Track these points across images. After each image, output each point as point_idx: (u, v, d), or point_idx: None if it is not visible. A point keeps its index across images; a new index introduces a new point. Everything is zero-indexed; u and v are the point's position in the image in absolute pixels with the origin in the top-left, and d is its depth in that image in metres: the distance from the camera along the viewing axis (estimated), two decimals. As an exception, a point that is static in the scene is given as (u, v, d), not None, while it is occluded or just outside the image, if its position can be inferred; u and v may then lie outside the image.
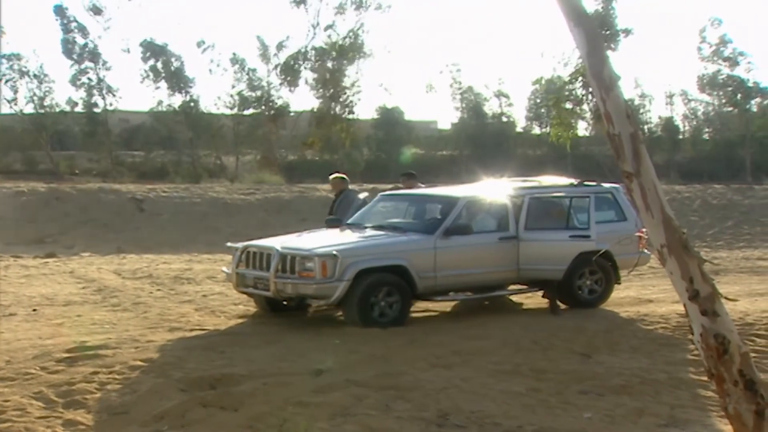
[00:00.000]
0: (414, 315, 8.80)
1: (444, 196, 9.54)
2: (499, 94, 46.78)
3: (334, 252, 8.03)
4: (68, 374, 6.26)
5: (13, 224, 20.58)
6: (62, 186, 25.10)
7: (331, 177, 11.39)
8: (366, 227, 9.26)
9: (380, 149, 48.83)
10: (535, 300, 10.06)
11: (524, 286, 9.54)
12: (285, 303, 8.77)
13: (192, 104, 44.07)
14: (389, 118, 48.14)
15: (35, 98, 44.81)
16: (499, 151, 44.78)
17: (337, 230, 9.49)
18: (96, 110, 44.75)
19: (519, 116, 50.83)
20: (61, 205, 22.46)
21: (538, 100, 43.78)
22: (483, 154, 44.26)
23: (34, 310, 9.43)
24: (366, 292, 8.10)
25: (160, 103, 45.61)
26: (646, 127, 39.83)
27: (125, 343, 7.31)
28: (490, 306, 9.78)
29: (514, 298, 10.13)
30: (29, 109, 45.43)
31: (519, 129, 48.84)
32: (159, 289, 11.44)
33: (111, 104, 45.31)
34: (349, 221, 9.82)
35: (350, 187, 11.13)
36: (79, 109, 45.10)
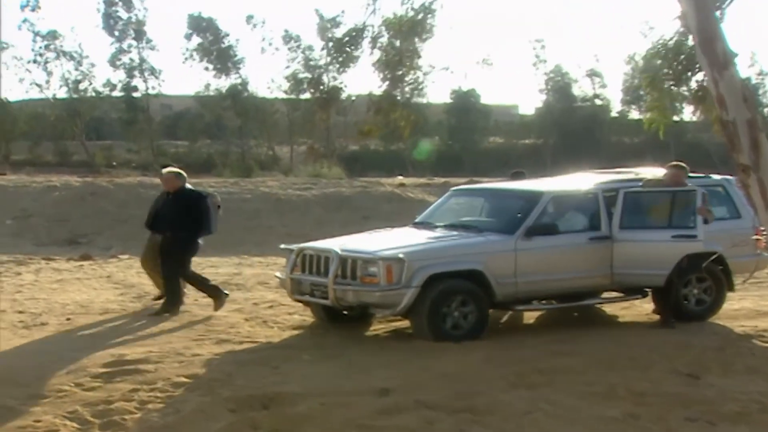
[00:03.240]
0: (491, 327, 8.75)
1: (526, 191, 9.45)
2: (592, 74, 46.02)
3: (401, 255, 8.03)
4: (105, 391, 6.41)
5: (44, 222, 21.20)
6: (98, 180, 25.72)
7: (164, 171, 10.60)
8: (436, 227, 9.25)
9: (453, 138, 48.67)
10: (632, 311, 9.88)
11: (619, 294, 9.39)
12: (345, 313, 8.82)
13: (241, 87, 44.49)
14: (463, 103, 47.92)
15: (70, 81, 46.20)
16: (590, 138, 44.22)
17: (404, 230, 9.49)
18: (136, 94, 45.65)
19: (614, 99, 49.87)
20: (97, 201, 23.02)
21: (636, 80, 43.05)
22: (571, 142, 43.76)
23: (68, 319, 9.69)
24: (437, 301, 8.08)
25: (206, 86, 46.36)
26: (766, 110, 38.72)
27: (168, 357, 7.45)
28: (579, 317, 9.65)
29: (607, 308, 9.97)
30: (62, 93, 46.71)
31: (614, 113, 48.00)
32: (205, 296, 11.61)
33: (153, 88, 46.22)
34: (417, 220, 9.82)
35: (187, 185, 10.43)
36: (117, 93, 46.03)
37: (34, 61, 45.98)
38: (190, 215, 9.86)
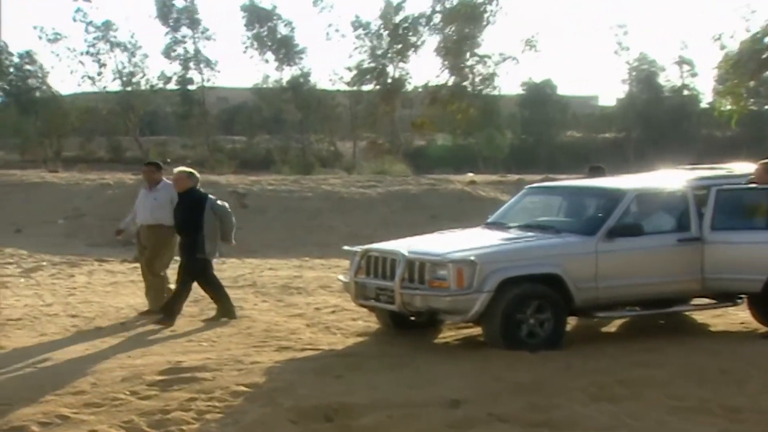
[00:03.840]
0: (569, 335, 8.68)
1: (607, 189, 9.35)
2: (681, 62, 45.15)
3: (472, 257, 8.02)
4: (162, 400, 6.54)
5: (97, 222, 21.67)
6: (153, 178, 26.12)
7: (176, 170, 10.56)
8: (510, 227, 9.21)
9: (527, 131, 48.32)
10: (724, 319, 9.70)
11: (711, 301, 9.23)
12: (413, 319, 8.84)
13: (302, 79, 44.71)
14: (538, 94, 47.51)
15: (123, 74, 47.17)
16: (677, 131, 43.49)
17: (475, 231, 9.47)
18: (191, 87, 46.29)
19: (705, 88, 48.83)
20: (152, 200, 23.43)
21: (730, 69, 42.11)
22: (656, 135, 43.11)
23: (122, 323, 9.91)
24: (511, 307, 8.05)
25: (265, 78, 46.81)
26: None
27: (226, 365, 7.57)
28: (665, 325, 9.52)
29: (697, 316, 9.81)
30: (115, 86, 47.65)
31: (704, 104, 47.06)
32: (264, 300, 11.78)
33: (208, 80, 46.85)
34: (490, 220, 9.79)
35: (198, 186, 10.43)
36: (172, 86, 46.73)
37: (87, 53, 47.07)
38: (193, 218, 10.05)
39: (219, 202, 10.51)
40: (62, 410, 6.29)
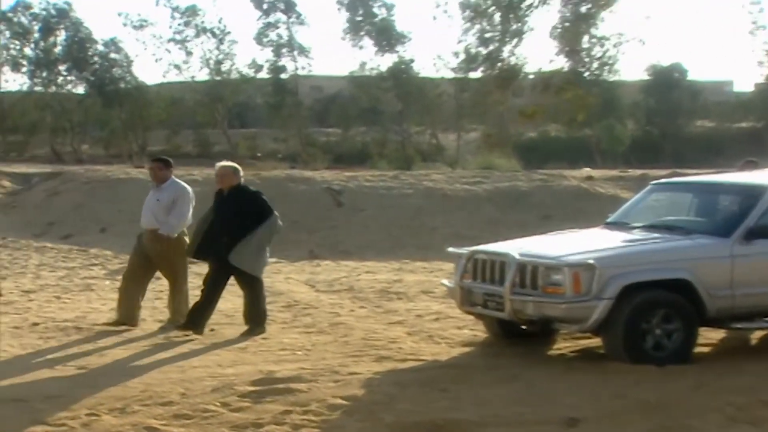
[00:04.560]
0: (700, 348, 8.50)
1: (744, 185, 9.14)
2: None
3: (591, 261, 7.93)
4: (254, 413, 6.65)
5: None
6: (243, 173, 26.57)
7: (219, 165, 10.39)
8: (633, 228, 9.07)
9: (651, 122, 47.38)
10: None
11: None
12: (524, 328, 8.78)
13: (403, 66, 44.73)
14: (665, 80, 46.51)
15: (211, 62, 48.11)
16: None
17: (593, 232, 9.36)
18: (283, 76, 46.82)
19: None
20: (242, 197, 23.84)
21: None
22: (801, 124, 41.77)
23: (212, 330, 10.10)
24: (635, 316, 7.92)
25: (362, 65, 47.03)
26: None
27: (322, 375, 7.65)
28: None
29: None
30: (203, 75, 48.59)
31: None
32: (362, 306, 11.86)
33: (302, 68, 47.33)
34: (610, 219, 9.66)
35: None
36: (263, 74, 47.33)
37: (173, 40, 48.14)
38: (252, 214, 9.87)
39: None
40: (150, 422, 6.46)
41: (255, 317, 9.98)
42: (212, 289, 9.92)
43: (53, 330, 10.23)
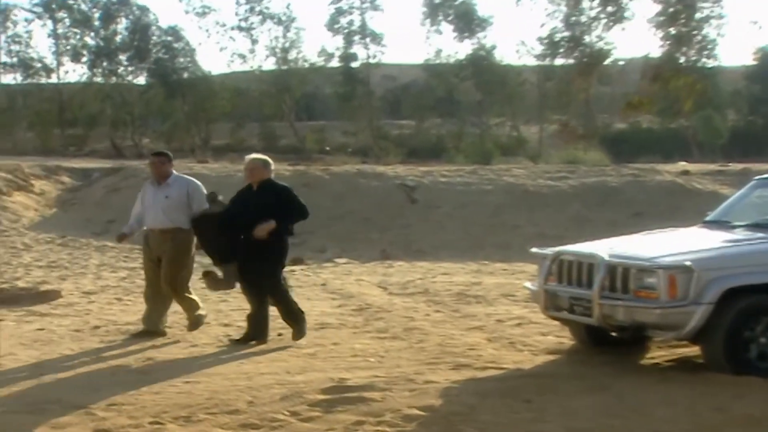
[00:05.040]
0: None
1: None
2: None
3: (688, 262, 7.82)
4: (325, 423, 6.69)
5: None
6: (311, 168, 26.82)
7: (249, 158, 10.11)
8: (735, 226, 8.95)
9: (755, 111, 46.46)
10: None
11: None
12: (614, 334, 8.71)
13: (484, 53, 44.57)
14: (773, 65, 45.50)
15: (277, 50, 48.49)
16: None
17: (690, 231, 9.25)
18: (354, 64, 46.97)
19: None
20: (310, 194, 23.94)
21: None
22: None
23: (279, 334, 10.18)
24: (737, 323, 7.80)
25: (438, 53, 46.98)
26: None
27: (397, 384, 7.67)
28: None
29: None
30: (269, 64, 48.99)
31: None
32: (438, 310, 11.87)
33: (374, 56, 47.44)
34: (709, 218, 9.53)
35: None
36: (332, 63, 47.52)
37: (238, 27, 48.62)
38: (283, 209, 9.71)
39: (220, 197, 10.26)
40: (216, 431, 6.54)
41: (293, 317, 9.88)
42: (257, 292, 9.89)
43: (114, 333, 10.43)
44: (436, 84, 48.29)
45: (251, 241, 9.56)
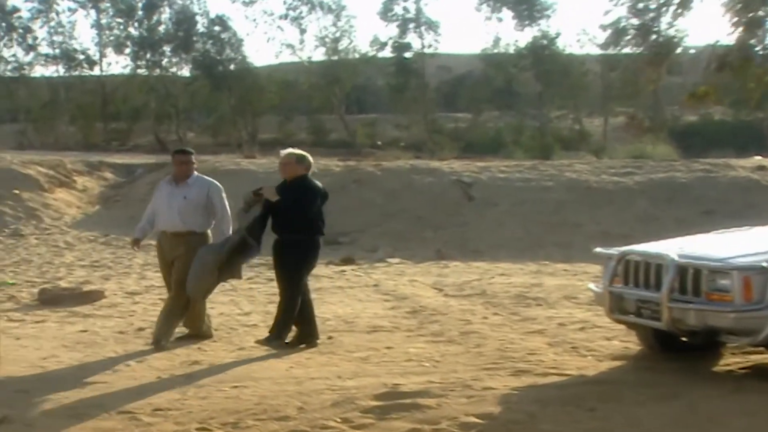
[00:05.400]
0: None
1: None
2: None
3: (765, 263, 7.73)
4: (378, 430, 6.72)
5: (300, 217, 22.48)
6: (362, 164, 26.87)
7: (283, 153, 10.11)
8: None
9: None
10: None
11: None
12: (684, 339, 8.63)
13: (545, 42, 44.34)
14: None
15: (327, 40, 48.63)
16: None
17: (767, 230, 9.13)
18: (407, 55, 46.95)
19: None
20: (361, 190, 24.10)
21: None
22: None
23: (330, 337, 10.24)
24: (818, 330, 7.69)
25: (496, 42, 46.80)
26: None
27: (453, 390, 7.66)
28: None
29: None
30: (319, 55, 49.12)
31: None
32: (496, 313, 11.85)
33: (429, 45, 47.38)
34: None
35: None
36: (384, 54, 47.52)
37: (286, 17, 48.81)
38: (299, 212, 9.63)
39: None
40: (265, 438, 6.59)
41: (282, 322, 9.69)
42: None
43: (159, 335, 10.51)
44: (494, 74, 48.14)
45: (279, 239, 9.64)
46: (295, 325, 9.83)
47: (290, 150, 10.17)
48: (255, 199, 9.67)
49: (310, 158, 10.06)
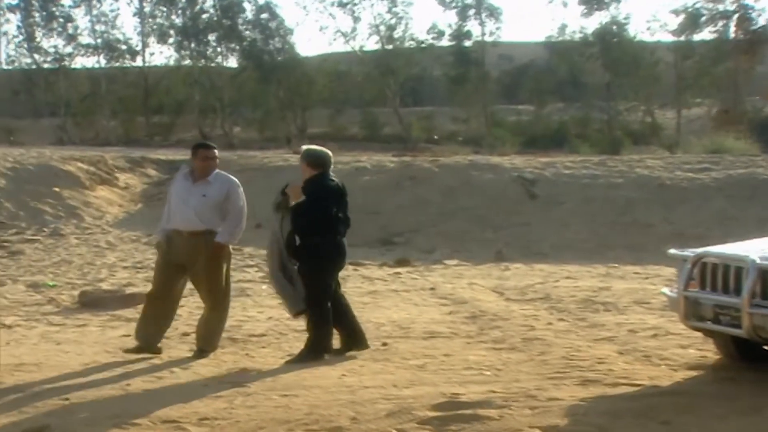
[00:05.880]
0: None
1: None
2: None
3: None
4: (437, 442, 6.72)
5: (352, 216, 22.54)
6: (418, 159, 26.89)
7: (304, 148, 10.02)
8: None
9: None
10: None
11: None
12: (766, 348, 8.55)
13: (615, 28, 44.00)
14: None
15: (382, 28, 48.68)
16: None
17: None
18: (467, 43, 46.87)
19: None
20: (417, 188, 24.12)
21: None
22: None
23: (384, 344, 10.26)
24: None
25: (561, 29, 46.58)
26: None
27: (516, 400, 7.63)
28: None
29: None
30: (372, 44, 49.18)
31: None
32: (561, 319, 11.82)
33: (490, 33, 47.24)
34: None
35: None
36: (443, 42, 47.47)
37: (338, 4, 48.91)
38: (316, 212, 9.54)
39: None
40: (315, 450, 6.62)
41: (312, 340, 9.62)
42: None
43: (205, 341, 10.58)
44: (559, 64, 47.95)
45: (299, 242, 9.61)
46: (337, 331, 9.83)
47: (305, 147, 10.10)
48: (283, 199, 9.67)
49: (328, 154, 9.90)
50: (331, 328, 9.68)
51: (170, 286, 9.86)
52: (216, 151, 10.07)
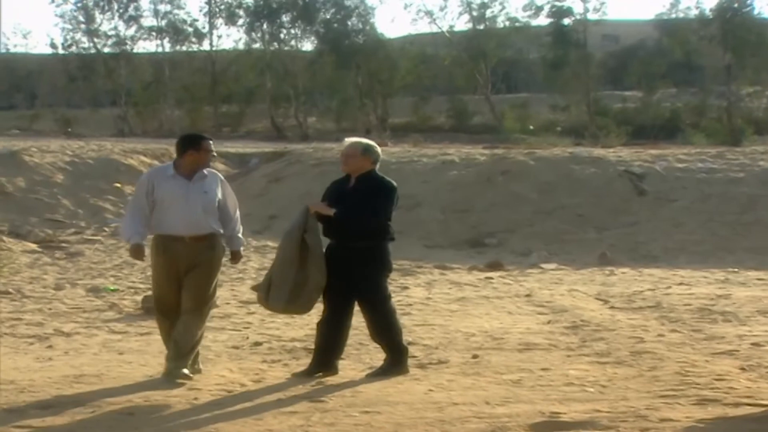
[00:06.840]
0: None
1: None
2: None
3: None
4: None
5: (437, 215, 22.62)
6: (512, 153, 26.80)
7: (348, 142, 9.73)
8: None
9: None
10: None
11: None
12: None
13: (736, 5, 43.33)
14: None
15: (473, 7, 48.61)
16: None
17: None
18: (567, 21, 46.65)
19: None
20: (511, 183, 24.07)
21: None
22: None
23: (475, 356, 10.25)
24: None
25: (674, 5, 46.03)
26: None
27: (624, 421, 7.57)
28: None
29: None
30: (462, 25, 49.10)
31: None
32: (674, 330, 11.72)
33: (594, 10, 46.87)
34: None
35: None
36: (540, 21, 47.31)
37: (424, -20, 48.98)
38: (377, 214, 9.35)
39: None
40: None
41: (392, 351, 9.54)
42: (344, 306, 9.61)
43: (279, 351, 10.68)
44: (671, 45, 47.46)
45: (342, 246, 9.39)
46: (315, 347, 9.61)
47: (355, 139, 9.88)
48: (311, 219, 9.40)
49: (379, 149, 9.79)
50: (399, 335, 9.58)
51: (169, 299, 9.49)
52: (211, 143, 9.72)
